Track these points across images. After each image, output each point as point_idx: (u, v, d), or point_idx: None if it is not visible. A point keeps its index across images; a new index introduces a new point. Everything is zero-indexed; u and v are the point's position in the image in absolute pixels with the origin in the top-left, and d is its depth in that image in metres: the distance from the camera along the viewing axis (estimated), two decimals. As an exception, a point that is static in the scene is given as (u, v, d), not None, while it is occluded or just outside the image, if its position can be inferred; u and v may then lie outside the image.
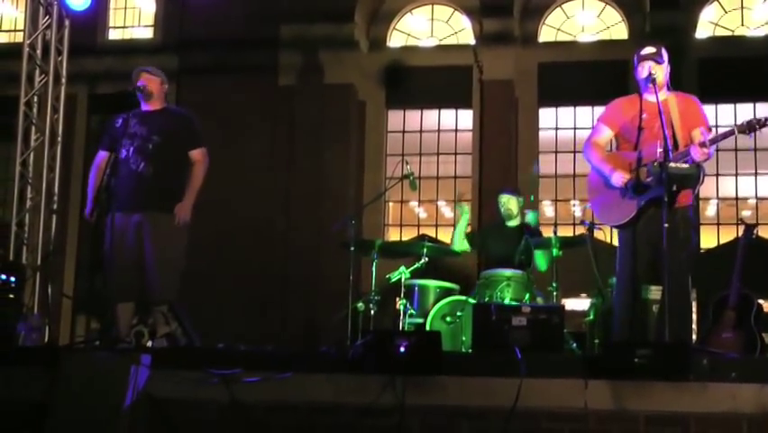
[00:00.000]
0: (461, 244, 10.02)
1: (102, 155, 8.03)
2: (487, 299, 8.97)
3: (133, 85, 7.98)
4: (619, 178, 6.81)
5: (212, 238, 14.67)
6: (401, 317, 9.22)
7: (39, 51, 11.13)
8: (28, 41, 11.07)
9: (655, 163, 6.43)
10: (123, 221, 7.64)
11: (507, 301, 8.85)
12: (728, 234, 15.67)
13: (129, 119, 7.80)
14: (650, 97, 6.88)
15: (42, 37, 11.19)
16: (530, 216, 9.98)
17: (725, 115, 16.14)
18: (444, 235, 17.34)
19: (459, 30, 18.08)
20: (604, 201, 7.06)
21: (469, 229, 10.23)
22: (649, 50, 7.00)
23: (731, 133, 6.45)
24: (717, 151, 14.69)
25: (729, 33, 17.15)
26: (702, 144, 6.42)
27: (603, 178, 7.03)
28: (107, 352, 6.48)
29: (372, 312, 9.39)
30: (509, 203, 9.91)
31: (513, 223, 9.93)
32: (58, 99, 11.17)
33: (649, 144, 6.69)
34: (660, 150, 6.40)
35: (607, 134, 7.19)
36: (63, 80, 11.20)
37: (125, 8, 18.98)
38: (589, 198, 7.31)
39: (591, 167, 7.23)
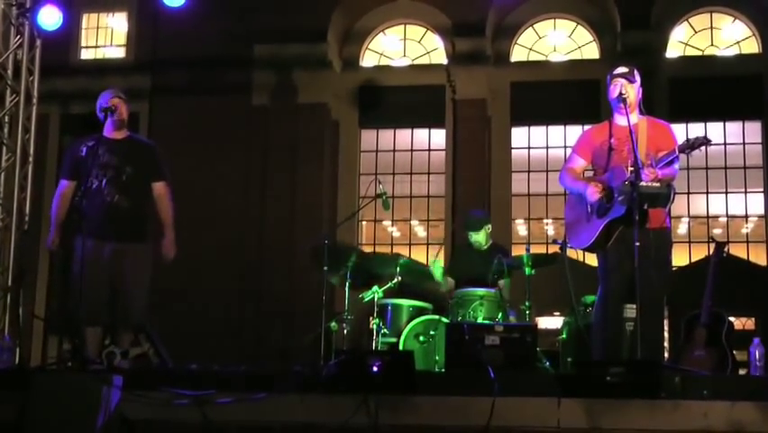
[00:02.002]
0: (446, 285, 10.02)
1: (65, 184, 8.01)
2: (460, 319, 8.98)
3: (104, 106, 7.91)
4: (592, 191, 6.87)
5: (185, 258, 14.61)
6: (374, 337, 9.22)
7: (10, 71, 11.07)
8: (-1, 61, 11.04)
9: (626, 182, 6.48)
10: (95, 248, 7.67)
11: (480, 320, 8.88)
12: (700, 253, 15.75)
13: (96, 147, 7.77)
14: (620, 120, 6.95)
15: (14, 56, 11.13)
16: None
17: (695, 133, 16.16)
18: (417, 254, 17.35)
19: (432, 49, 18.12)
20: (575, 226, 7.12)
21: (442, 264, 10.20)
22: (621, 69, 7.08)
23: (673, 152, 6.52)
24: (688, 169, 14.85)
25: (699, 53, 17.27)
26: (649, 165, 6.49)
27: (576, 197, 7.09)
28: (79, 373, 6.45)
29: (345, 331, 9.39)
30: (478, 236, 9.93)
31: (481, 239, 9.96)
32: (29, 119, 11.11)
33: (618, 166, 6.75)
34: (630, 170, 6.46)
35: (580, 163, 7.28)
36: (34, 100, 11.15)
37: (97, 27, 18.91)
38: (565, 232, 7.38)
39: (568, 191, 7.31)
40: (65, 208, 7.89)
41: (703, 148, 6.46)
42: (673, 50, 17.26)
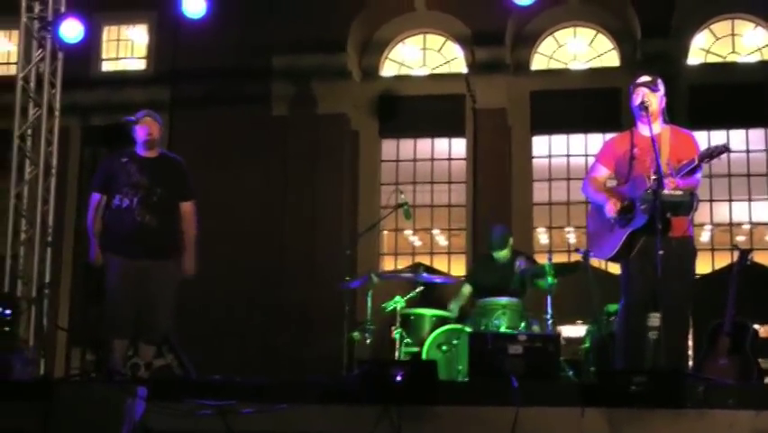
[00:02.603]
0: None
1: (97, 198, 8.12)
2: (482, 328, 8.98)
3: (134, 119, 8.01)
4: (611, 207, 6.87)
5: (206, 269, 14.64)
6: (397, 347, 9.22)
7: (32, 84, 11.16)
8: (21, 75, 11.11)
9: (648, 191, 6.46)
10: (123, 265, 7.88)
11: (502, 330, 8.87)
12: (723, 260, 15.66)
13: (128, 165, 7.90)
14: (643, 129, 6.95)
15: (36, 70, 11.22)
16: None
17: (717, 141, 16.13)
18: (439, 263, 17.35)
19: (451, 59, 18.12)
20: (597, 236, 7.12)
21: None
22: (645, 78, 7.08)
23: (692, 161, 6.51)
24: (711, 177, 14.79)
25: (720, 60, 17.21)
26: (669, 175, 6.48)
27: (598, 208, 7.08)
28: (103, 384, 6.47)
29: (368, 342, 9.40)
30: (503, 252, 9.95)
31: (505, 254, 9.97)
32: (51, 132, 11.19)
33: (639, 176, 6.74)
34: (651, 179, 6.45)
35: (603, 172, 7.28)
36: (57, 113, 11.23)
37: (118, 40, 18.99)
38: (588, 242, 7.38)
39: (590, 202, 7.30)
40: (100, 220, 8.01)
41: (723, 156, 6.44)
42: (694, 58, 17.19)
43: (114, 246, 7.86)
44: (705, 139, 15.47)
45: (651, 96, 6.93)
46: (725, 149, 6.43)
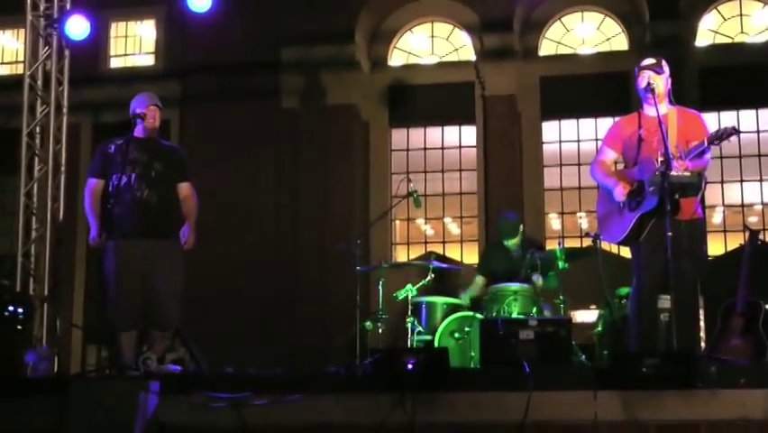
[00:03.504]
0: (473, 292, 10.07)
1: (95, 182, 7.99)
2: (494, 314, 8.97)
3: (138, 112, 7.94)
4: (620, 192, 6.87)
5: (218, 262, 14.68)
6: (409, 335, 9.23)
7: (40, 82, 11.18)
8: (29, 72, 11.14)
9: (657, 173, 6.45)
10: (126, 248, 7.64)
11: (514, 315, 8.86)
12: (735, 241, 15.61)
13: (125, 145, 7.81)
14: (650, 111, 6.93)
15: (43, 67, 11.24)
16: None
17: (727, 122, 16.04)
18: (452, 252, 17.34)
19: (460, 46, 18.08)
20: (607, 220, 7.12)
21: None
22: (649, 60, 7.08)
23: (702, 144, 6.50)
24: (722, 158, 14.75)
25: (729, 41, 17.13)
26: (679, 157, 6.47)
27: (607, 192, 7.08)
28: (116, 380, 6.49)
29: (380, 330, 9.41)
30: (514, 240, 9.94)
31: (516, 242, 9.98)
32: (60, 129, 11.21)
33: (648, 158, 6.73)
34: (660, 161, 6.44)
35: (611, 155, 7.29)
36: (65, 110, 11.25)
37: (126, 36, 19.00)
38: (598, 226, 7.37)
39: (599, 186, 7.30)
40: (98, 204, 7.91)
41: (734, 138, 6.43)
42: (703, 39, 17.12)
43: (115, 227, 7.56)
44: (715, 120, 15.45)
45: (656, 78, 6.93)
46: (734, 131, 6.42)
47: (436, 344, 9.10)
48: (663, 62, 7.06)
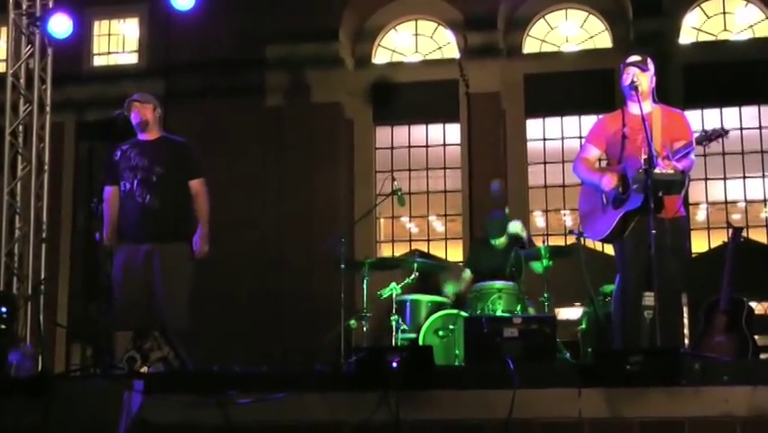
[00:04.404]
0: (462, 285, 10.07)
1: (109, 190, 8.01)
2: (478, 312, 8.98)
3: (126, 115, 7.95)
4: (608, 181, 6.87)
5: (203, 260, 14.63)
6: (394, 333, 9.23)
7: (22, 81, 11.13)
8: (11, 71, 11.08)
9: (640, 170, 6.46)
10: (130, 251, 7.77)
11: (498, 313, 8.87)
12: (718, 239, 15.65)
13: (128, 151, 7.86)
14: (634, 109, 6.93)
15: (26, 66, 11.19)
16: (513, 227, 9.88)
17: (711, 120, 16.16)
18: (436, 250, 17.36)
19: (443, 44, 18.12)
20: (590, 218, 7.13)
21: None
22: (634, 58, 7.07)
23: (690, 144, 6.52)
24: (705, 155, 14.83)
25: (713, 38, 17.21)
26: (665, 157, 6.48)
27: (590, 189, 7.09)
28: (100, 379, 6.47)
29: (365, 329, 9.41)
30: (500, 240, 9.93)
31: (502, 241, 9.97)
32: (43, 128, 11.16)
33: (632, 156, 6.75)
34: (644, 159, 6.46)
35: (594, 153, 7.27)
36: (48, 109, 11.19)
37: (109, 34, 18.96)
38: (580, 223, 7.38)
39: (582, 183, 7.29)
40: (114, 210, 7.93)
41: (721, 138, 6.45)
42: (686, 37, 17.19)
43: (122, 232, 7.78)
44: (699, 117, 15.51)
45: (641, 75, 6.92)
46: (722, 131, 6.44)
47: (421, 342, 9.10)
48: (649, 60, 7.06)
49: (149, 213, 7.78)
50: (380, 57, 18.31)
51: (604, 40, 17.59)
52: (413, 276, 9.68)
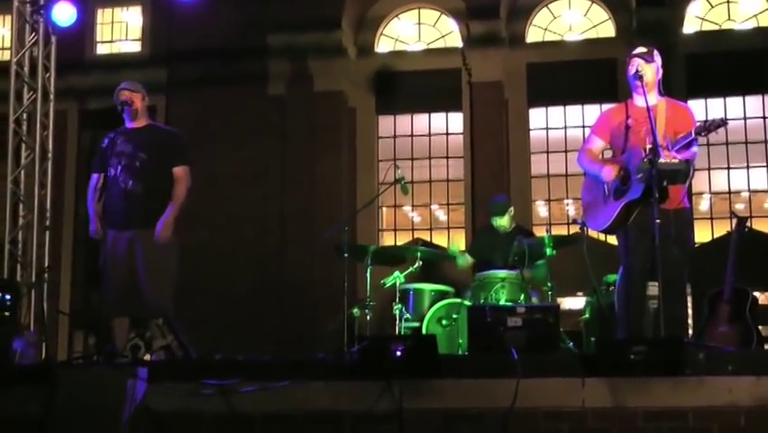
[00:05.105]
0: (465, 262, 10.08)
1: (95, 177, 8.13)
2: (482, 301, 8.99)
3: (118, 102, 8.04)
4: (609, 172, 6.89)
5: (206, 250, 14.65)
6: (397, 322, 9.24)
7: (26, 69, 11.13)
8: (15, 59, 11.07)
9: (645, 160, 6.46)
10: (114, 238, 7.85)
11: (502, 302, 8.87)
12: (722, 229, 15.62)
13: (115, 138, 7.93)
14: (638, 101, 6.95)
15: (30, 54, 11.19)
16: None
17: (715, 109, 16.14)
18: (438, 239, 17.35)
19: (446, 33, 18.07)
20: (592, 209, 7.14)
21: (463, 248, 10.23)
22: (640, 49, 7.13)
23: (689, 135, 6.52)
24: (709, 145, 14.78)
25: (716, 28, 17.15)
26: (665, 148, 6.49)
27: (593, 180, 7.10)
28: (104, 367, 6.48)
29: (368, 318, 9.42)
30: (502, 221, 9.94)
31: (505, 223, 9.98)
32: (47, 116, 11.16)
33: (635, 146, 6.75)
34: (648, 149, 6.46)
35: (598, 144, 7.30)
36: (52, 97, 11.19)
37: (112, 22, 18.93)
38: (583, 214, 7.39)
39: (585, 173, 7.31)
40: (97, 198, 7.99)
41: (721, 129, 6.45)
42: (690, 26, 17.14)
43: (107, 219, 7.86)
44: (703, 107, 15.49)
45: (645, 66, 6.94)
46: (722, 122, 6.44)
47: (424, 331, 9.12)
48: (655, 52, 7.09)
49: (131, 198, 7.85)
50: (383, 46, 18.27)
51: (607, 29, 17.53)
52: (416, 265, 9.69)
